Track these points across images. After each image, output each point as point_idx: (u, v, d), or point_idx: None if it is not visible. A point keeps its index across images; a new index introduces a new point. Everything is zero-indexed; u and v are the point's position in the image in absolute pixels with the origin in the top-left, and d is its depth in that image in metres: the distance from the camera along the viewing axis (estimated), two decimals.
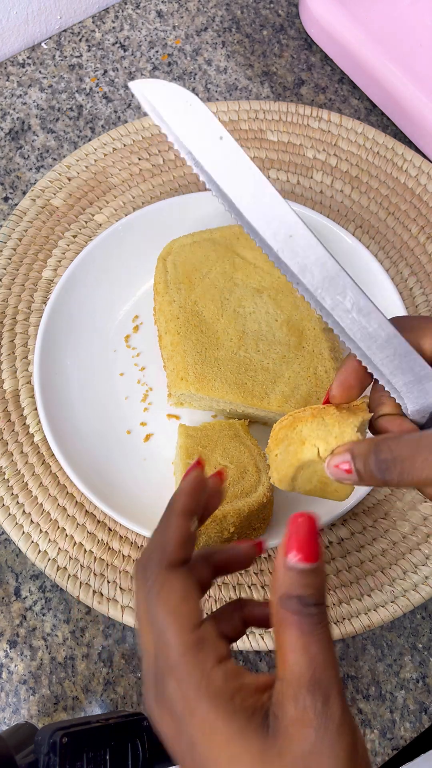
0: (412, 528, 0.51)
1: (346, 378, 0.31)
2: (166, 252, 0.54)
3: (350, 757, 0.21)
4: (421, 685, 0.48)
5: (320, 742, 0.20)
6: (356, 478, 0.28)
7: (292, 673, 0.22)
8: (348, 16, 0.63)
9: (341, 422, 0.30)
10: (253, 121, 0.64)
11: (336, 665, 0.22)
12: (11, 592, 0.50)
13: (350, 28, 0.63)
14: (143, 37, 0.70)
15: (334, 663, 0.22)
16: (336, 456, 0.29)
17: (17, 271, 0.58)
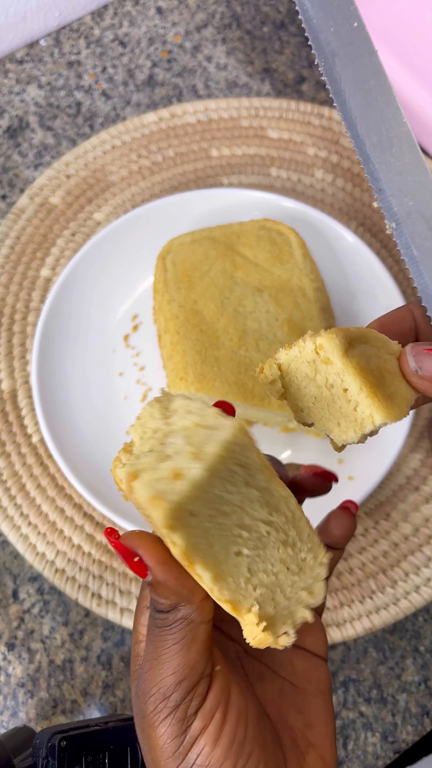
0: (413, 529, 0.50)
1: (392, 322, 0.27)
2: (165, 250, 0.53)
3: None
4: (423, 688, 0.48)
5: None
6: None
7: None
8: None
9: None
10: (253, 118, 0.64)
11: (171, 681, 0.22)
12: (9, 594, 0.50)
13: None
14: (142, 33, 0.69)
15: (166, 674, 0.22)
16: (428, 343, 0.24)
17: (15, 270, 0.57)
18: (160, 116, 0.64)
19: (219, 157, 0.62)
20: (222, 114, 0.64)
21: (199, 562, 0.21)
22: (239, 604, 0.22)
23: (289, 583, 0.24)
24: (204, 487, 0.21)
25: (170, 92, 0.66)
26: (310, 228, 0.54)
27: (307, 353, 0.25)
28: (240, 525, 0.22)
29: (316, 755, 0.25)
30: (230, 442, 0.22)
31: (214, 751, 0.22)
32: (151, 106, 0.66)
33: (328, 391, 0.25)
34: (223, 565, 0.22)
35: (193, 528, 0.21)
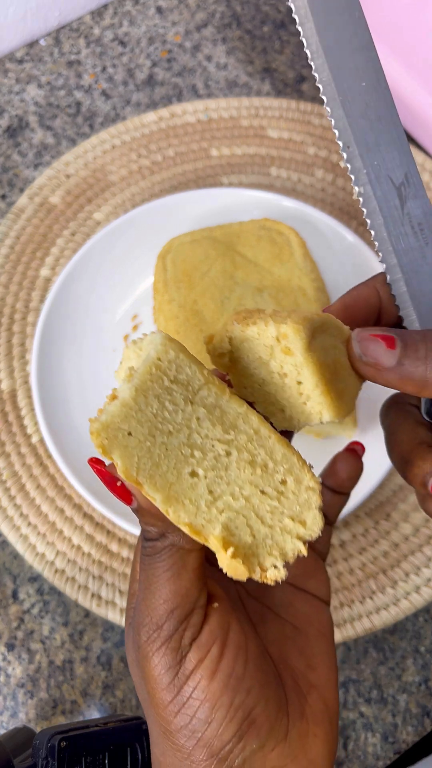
0: (414, 529, 0.50)
1: (355, 303, 0.26)
2: (165, 250, 0.53)
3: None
4: (424, 688, 0.48)
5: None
6: (395, 358, 0.23)
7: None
8: None
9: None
10: (253, 117, 0.63)
11: (163, 609, 0.22)
12: (9, 594, 0.50)
13: None
14: (142, 33, 0.69)
15: (158, 603, 0.22)
16: (374, 329, 0.23)
17: (15, 270, 0.57)
18: (160, 116, 0.63)
19: (219, 157, 0.62)
20: (222, 113, 0.64)
21: (146, 482, 0.21)
22: (201, 527, 0.21)
23: (267, 509, 0.22)
24: (135, 406, 0.21)
25: (170, 92, 0.66)
26: (310, 228, 0.54)
27: (266, 337, 0.23)
28: (189, 444, 0.22)
29: (318, 696, 0.25)
30: (158, 358, 0.21)
31: (211, 685, 0.22)
32: (151, 105, 0.66)
33: (281, 379, 0.24)
34: (175, 485, 0.21)
35: (133, 448, 0.21)
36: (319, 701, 0.25)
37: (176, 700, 0.22)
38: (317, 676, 0.25)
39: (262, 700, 0.23)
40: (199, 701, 0.22)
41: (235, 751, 0.22)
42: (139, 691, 0.24)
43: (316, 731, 0.24)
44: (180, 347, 0.22)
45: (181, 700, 0.22)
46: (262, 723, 0.22)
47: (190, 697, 0.22)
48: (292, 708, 0.24)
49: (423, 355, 0.23)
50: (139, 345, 0.24)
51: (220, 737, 0.22)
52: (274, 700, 0.23)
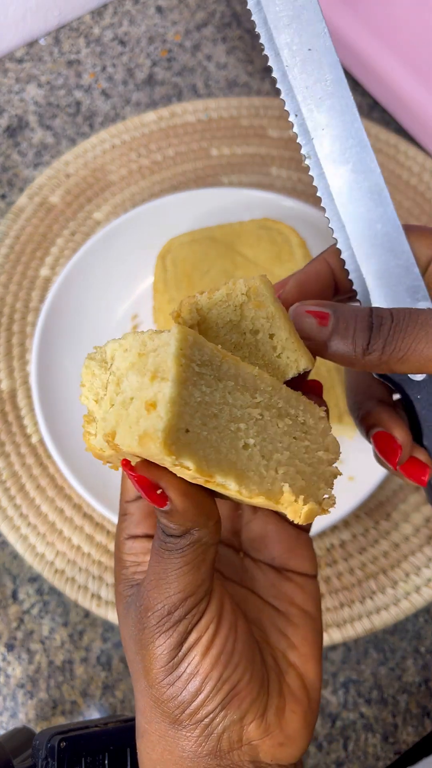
0: (414, 530, 0.50)
1: (307, 279, 0.27)
2: (165, 250, 0.53)
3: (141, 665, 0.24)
4: (424, 689, 0.48)
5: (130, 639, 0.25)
6: (327, 334, 0.24)
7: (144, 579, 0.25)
8: (349, 11, 0.62)
9: None
10: (253, 117, 0.63)
11: (177, 597, 0.23)
12: (8, 594, 0.49)
13: (351, 23, 0.62)
14: (142, 32, 0.69)
15: (173, 592, 0.23)
16: (313, 303, 0.25)
17: (14, 270, 0.57)
18: (160, 115, 0.63)
19: (219, 157, 0.62)
20: (222, 113, 0.64)
21: (217, 472, 0.21)
22: (271, 492, 0.22)
23: (303, 451, 0.23)
24: (182, 401, 0.20)
25: (170, 91, 0.66)
26: (310, 227, 0.54)
27: (236, 296, 0.24)
28: (233, 419, 0.22)
29: (296, 675, 0.26)
30: (181, 348, 0.21)
31: (204, 661, 0.23)
32: (151, 105, 0.66)
33: (253, 337, 0.24)
34: (239, 463, 0.21)
35: (194, 443, 0.20)
36: (297, 679, 0.26)
37: (172, 675, 0.23)
38: (297, 655, 0.27)
39: (247, 675, 0.24)
40: (192, 675, 0.23)
41: (217, 719, 0.24)
42: (130, 663, 0.25)
43: (294, 708, 0.25)
44: (193, 331, 0.22)
45: (177, 675, 0.23)
46: (244, 696, 0.24)
47: (184, 671, 0.23)
48: (271, 686, 0.25)
49: (351, 334, 0.24)
50: (102, 358, 0.23)
51: (206, 706, 0.23)
52: (257, 677, 0.25)
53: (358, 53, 0.63)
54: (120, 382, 0.22)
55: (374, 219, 0.27)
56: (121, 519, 0.27)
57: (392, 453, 0.28)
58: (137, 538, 0.26)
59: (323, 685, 0.48)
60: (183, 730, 0.24)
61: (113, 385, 0.22)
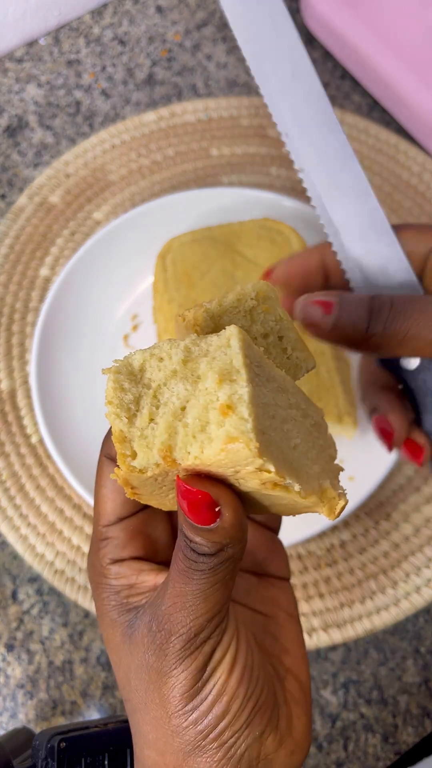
0: (414, 530, 0.50)
1: (295, 271, 0.28)
2: (165, 250, 0.53)
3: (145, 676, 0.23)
4: (424, 689, 0.48)
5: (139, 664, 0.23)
6: (331, 321, 0.26)
7: (160, 597, 0.23)
8: (349, 11, 0.62)
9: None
10: (253, 117, 0.63)
11: (205, 618, 0.22)
12: (8, 595, 0.49)
13: (352, 23, 0.62)
14: (142, 32, 0.69)
15: (201, 613, 0.22)
16: (321, 294, 0.26)
17: (14, 270, 0.57)
18: (160, 115, 0.63)
19: (219, 156, 0.62)
20: (222, 113, 0.64)
21: (286, 473, 0.20)
22: (318, 491, 0.21)
23: (320, 448, 0.23)
24: (256, 401, 0.19)
25: (170, 91, 0.66)
26: (310, 227, 0.54)
27: (246, 301, 0.24)
28: (283, 420, 0.21)
29: (293, 679, 0.26)
30: (244, 347, 0.20)
31: (230, 679, 0.22)
32: (151, 105, 0.66)
33: (264, 341, 0.24)
34: (295, 463, 0.21)
35: (270, 444, 0.19)
36: (295, 683, 0.26)
37: (195, 700, 0.22)
38: (291, 659, 0.26)
39: (266, 688, 0.24)
40: (218, 697, 0.22)
41: (240, 739, 0.23)
42: (137, 694, 0.23)
43: (298, 713, 0.25)
44: (245, 333, 0.21)
45: (201, 699, 0.22)
46: (265, 710, 0.23)
47: (209, 694, 0.22)
48: (277, 694, 0.25)
49: (353, 318, 0.26)
50: (129, 371, 0.21)
51: (232, 727, 0.22)
52: (272, 687, 0.24)
53: (358, 53, 0.63)
54: (158, 394, 0.21)
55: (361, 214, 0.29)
56: (99, 545, 0.26)
57: (387, 436, 0.30)
58: (123, 562, 0.25)
59: (323, 686, 0.48)
60: (203, 756, 0.22)
61: (149, 398, 0.21)
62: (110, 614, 0.25)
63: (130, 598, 0.25)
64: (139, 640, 0.23)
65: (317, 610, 0.47)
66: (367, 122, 0.63)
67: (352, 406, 0.49)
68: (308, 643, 0.47)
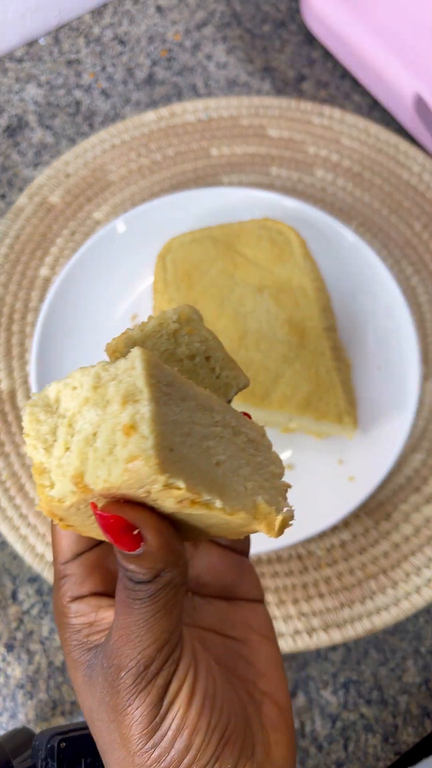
0: (414, 530, 0.50)
1: None
2: (165, 250, 0.53)
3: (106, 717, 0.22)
4: (424, 689, 0.48)
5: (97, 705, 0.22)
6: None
7: (110, 633, 0.23)
8: (349, 11, 0.62)
9: None
10: (253, 117, 0.63)
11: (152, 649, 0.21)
12: (8, 595, 0.49)
13: (352, 23, 0.62)
14: (142, 32, 0.69)
15: (147, 644, 0.21)
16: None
17: (14, 270, 0.57)
18: (160, 115, 0.63)
19: (219, 156, 0.62)
20: (222, 113, 0.64)
21: (203, 489, 0.20)
22: (250, 508, 0.21)
23: (258, 466, 0.23)
24: (160, 419, 0.19)
25: (170, 91, 0.66)
26: (310, 227, 0.54)
27: (168, 325, 0.24)
28: (203, 437, 0.21)
29: (271, 703, 0.25)
30: (147, 367, 0.20)
31: (189, 712, 0.21)
32: (151, 104, 0.65)
33: (190, 362, 0.24)
34: (217, 480, 0.21)
35: (179, 461, 0.19)
36: (274, 707, 0.24)
37: (155, 737, 0.21)
38: (267, 683, 0.25)
39: (233, 717, 0.22)
40: (179, 731, 0.21)
41: None
42: (101, 735, 0.22)
43: (277, 738, 0.24)
44: (149, 354, 0.21)
45: (161, 735, 0.21)
46: (235, 741, 0.22)
47: (168, 729, 0.21)
48: (252, 720, 0.23)
49: None
50: (45, 403, 0.22)
51: (198, 762, 0.21)
52: (240, 715, 0.23)
53: (358, 52, 0.63)
54: (72, 422, 0.21)
55: None
56: (58, 584, 0.25)
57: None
58: (83, 599, 0.24)
59: (323, 686, 0.48)
60: None
61: (64, 428, 0.21)
62: (72, 654, 0.24)
63: (90, 636, 0.24)
64: (96, 680, 0.22)
65: (317, 610, 0.47)
66: (367, 122, 0.63)
67: (352, 406, 0.49)
68: (308, 643, 0.47)
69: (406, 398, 0.49)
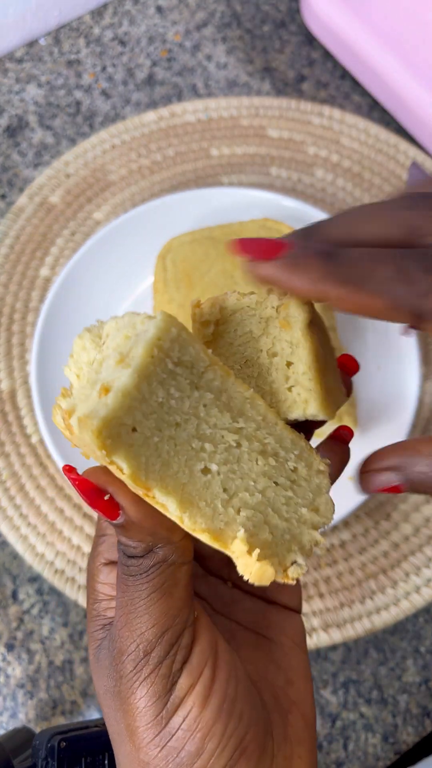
0: (414, 529, 0.50)
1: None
2: (165, 250, 0.53)
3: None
4: (424, 689, 0.48)
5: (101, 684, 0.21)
6: (408, 487, 0.21)
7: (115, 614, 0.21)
8: (349, 11, 0.62)
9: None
10: (253, 117, 0.63)
11: (152, 634, 0.20)
12: (8, 594, 0.49)
13: (352, 23, 0.62)
14: (142, 32, 0.69)
15: (146, 628, 0.20)
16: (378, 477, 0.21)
17: (14, 270, 0.57)
18: (160, 115, 0.63)
19: (219, 157, 0.62)
20: (222, 113, 0.64)
21: (157, 486, 0.18)
22: (221, 532, 0.19)
23: (282, 501, 0.20)
24: (138, 396, 0.18)
25: (170, 91, 0.66)
26: None
27: (265, 308, 0.21)
28: (199, 436, 0.19)
29: (298, 714, 0.23)
30: (158, 338, 0.18)
31: (204, 713, 0.19)
32: (151, 105, 0.66)
33: (268, 359, 0.21)
34: (188, 486, 0.18)
35: (139, 445, 0.17)
36: (300, 719, 0.23)
37: (163, 733, 0.19)
38: (296, 691, 0.23)
39: (253, 725, 0.20)
40: (190, 732, 0.19)
41: None
42: (110, 723, 0.21)
43: (300, 752, 0.22)
44: (181, 325, 0.19)
45: (169, 732, 0.19)
46: (253, 750, 0.20)
47: (179, 728, 0.19)
48: (276, 730, 0.22)
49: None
50: (97, 334, 0.21)
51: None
52: (262, 724, 0.21)
53: (358, 53, 0.63)
54: (103, 362, 0.20)
55: None
56: (96, 542, 0.23)
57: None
58: (116, 565, 0.22)
59: (323, 685, 0.48)
60: None
61: (97, 365, 0.20)
62: (90, 627, 0.23)
63: (108, 611, 0.22)
64: (103, 662, 0.21)
65: (317, 609, 0.48)
66: (367, 122, 0.63)
67: (352, 405, 0.49)
68: (308, 643, 0.47)
69: (405, 398, 0.49)
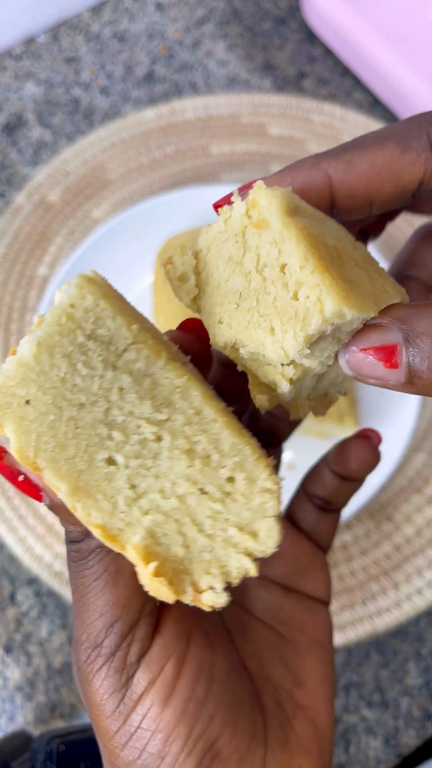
0: (416, 531, 0.50)
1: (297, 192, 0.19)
2: (165, 249, 0.53)
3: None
4: (426, 692, 0.47)
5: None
6: (403, 380, 0.17)
7: None
8: (350, 8, 0.62)
9: None
10: (253, 115, 0.63)
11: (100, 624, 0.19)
12: (6, 597, 0.49)
13: (353, 20, 0.62)
14: (142, 29, 0.69)
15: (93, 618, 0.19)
16: (371, 335, 0.17)
17: (13, 269, 0.57)
18: (160, 113, 0.63)
19: (219, 154, 0.61)
20: (222, 110, 0.63)
21: (47, 467, 0.16)
22: (120, 532, 0.17)
23: (207, 513, 0.18)
24: (37, 366, 0.16)
25: (170, 89, 0.66)
26: None
27: (235, 221, 0.18)
28: (107, 422, 0.17)
29: (306, 720, 0.21)
30: (68, 305, 0.16)
31: (164, 713, 0.18)
32: (151, 102, 0.65)
33: (259, 276, 0.17)
34: (86, 474, 0.17)
35: (31, 421, 0.16)
36: (308, 726, 0.21)
37: (123, 730, 0.18)
38: (306, 695, 0.21)
39: (229, 728, 0.19)
40: (150, 732, 0.18)
41: None
42: (88, 712, 0.20)
43: (301, 763, 0.20)
44: (103, 292, 0.17)
45: (129, 730, 0.18)
46: (229, 755, 0.19)
47: (139, 726, 0.18)
48: (271, 736, 0.20)
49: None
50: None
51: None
52: (245, 728, 0.19)
53: (360, 50, 0.62)
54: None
55: None
56: None
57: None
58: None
59: None
60: None
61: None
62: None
63: None
64: (73, 651, 0.20)
65: None
66: (368, 120, 0.62)
67: (352, 405, 0.49)
68: None
69: (407, 398, 0.48)
